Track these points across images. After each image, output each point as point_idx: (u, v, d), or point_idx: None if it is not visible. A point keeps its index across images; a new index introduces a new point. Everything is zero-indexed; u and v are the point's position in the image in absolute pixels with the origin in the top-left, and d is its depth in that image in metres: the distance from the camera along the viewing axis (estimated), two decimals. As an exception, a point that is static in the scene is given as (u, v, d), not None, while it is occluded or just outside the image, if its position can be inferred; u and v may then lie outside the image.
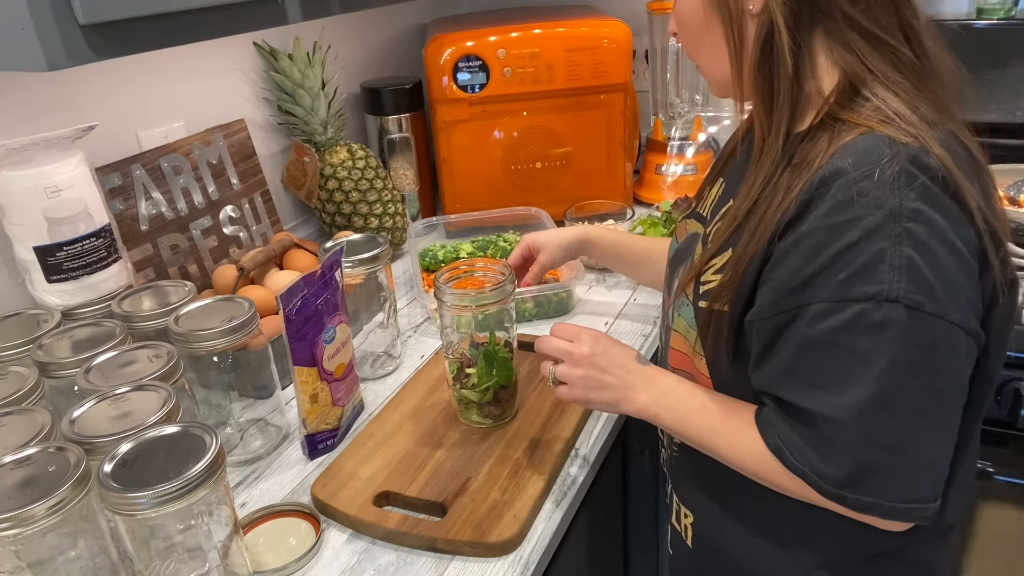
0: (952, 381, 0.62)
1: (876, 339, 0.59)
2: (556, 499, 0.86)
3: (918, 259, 0.58)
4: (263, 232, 1.35)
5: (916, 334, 0.59)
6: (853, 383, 0.60)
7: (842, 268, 0.60)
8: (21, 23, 0.69)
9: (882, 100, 0.64)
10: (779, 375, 0.66)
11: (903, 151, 0.60)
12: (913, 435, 0.60)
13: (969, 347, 0.62)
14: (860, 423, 0.60)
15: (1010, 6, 1.53)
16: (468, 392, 0.93)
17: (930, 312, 0.58)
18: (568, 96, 1.47)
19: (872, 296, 0.59)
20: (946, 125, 0.65)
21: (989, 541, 1.24)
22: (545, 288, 1.23)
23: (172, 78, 1.25)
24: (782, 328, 0.64)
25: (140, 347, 0.84)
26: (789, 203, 0.64)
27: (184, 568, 0.68)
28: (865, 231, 0.59)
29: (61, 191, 0.91)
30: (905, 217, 0.59)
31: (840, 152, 0.62)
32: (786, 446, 0.65)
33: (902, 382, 0.59)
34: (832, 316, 0.60)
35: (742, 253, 0.68)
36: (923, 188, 0.59)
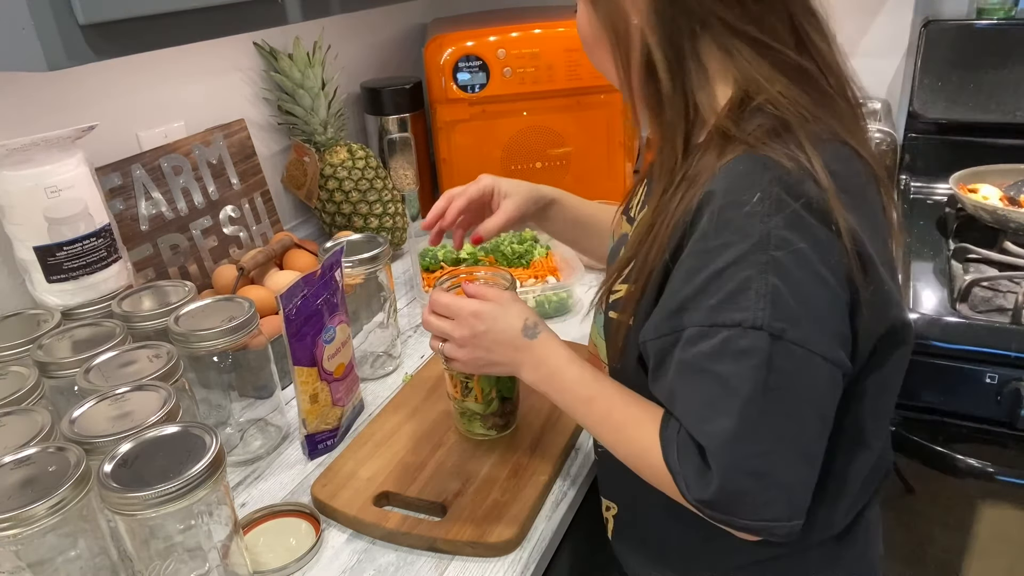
0: (812, 409, 0.61)
1: (740, 366, 0.59)
2: (556, 499, 0.86)
3: (783, 288, 0.58)
4: (263, 232, 1.35)
5: (778, 361, 0.58)
6: (721, 410, 0.60)
7: (713, 294, 0.60)
8: (21, 23, 0.69)
9: (770, 114, 0.63)
10: (666, 397, 0.66)
11: (777, 175, 0.59)
12: (773, 460, 0.60)
13: (833, 376, 0.61)
14: (727, 452, 0.60)
15: (1010, 6, 1.53)
16: (471, 404, 0.91)
17: (791, 340, 0.58)
18: (568, 96, 1.47)
19: (738, 323, 0.59)
20: (838, 136, 0.64)
21: (989, 541, 1.24)
22: (545, 288, 1.23)
23: (172, 78, 1.25)
24: (664, 351, 0.65)
25: (140, 347, 0.84)
26: (676, 221, 0.64)
27: (184, 568, 0.68)
28: (733, 258, 0.59)
29: (61, 191, 0.91)
30: (772, 245, 0.58)
31: (718, 174, 0.62)
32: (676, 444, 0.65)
33: (764, 409, 0.59)
34: (702, 341, 0.61)
35: (642, 266, 0.68)
36: (793, 216, 0.59)
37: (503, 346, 0.78)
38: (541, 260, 1.36)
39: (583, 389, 0.74)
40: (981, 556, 1.25)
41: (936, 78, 1.56)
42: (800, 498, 0.62)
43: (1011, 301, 1.17)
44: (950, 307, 1.18)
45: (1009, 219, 1.29)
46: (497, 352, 0.79)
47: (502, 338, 0.78)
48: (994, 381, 1.12)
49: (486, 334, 0.79)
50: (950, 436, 1.19)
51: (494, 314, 0.79)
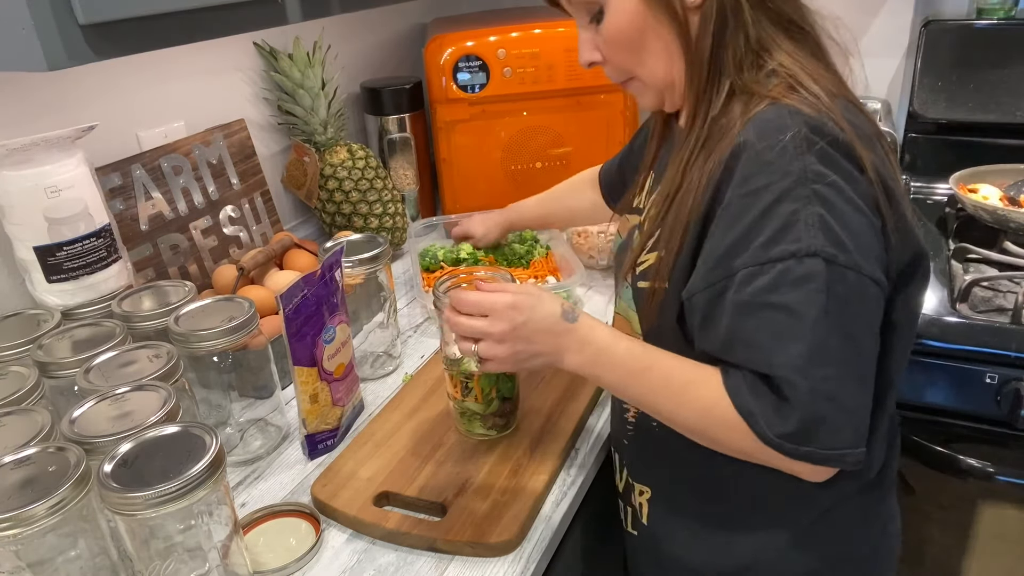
0: (866, 330, 0.65)
1: (803, 292, 0.62)
2: (556, 499, 0.86)
3: (828, 216, 0.62)
4: (263, 232, 1.35)
5: (834, 285, 0.62)
6: (790, 337, 0.62)
7: (760, 232, 0.63)
8: (21, 23, 0.69)
9: (786, 72, 0.69)
10: (722, 343, 0.67)
11: (803, 119, 0.65)
12: (842, 383, 0.63)
13: (878, 296, 0.65)
14: (805, 376, 0.62)
15: (1010, 6, 1.53)
16: (471, 404, 0.91)
17: (843, 264, 0.62)
18: (568, 96, 1.47)
19: (793, 254, 0.62)
20: (843, 93, 0.71)
21: (989, 541, 1.24)
22: (545, 288, 1.23)
23: (172, 78, 1.25)
24: (715, 299, 0.67)
25: (140, 347, 0.83)
26: (708, 177, 0.68)
27: (184, 568, 0.68)
28: (776, 196, 0.63)
29: (61, 191, 0.91)
30: (811, 180, 0.63)
31: (747, 125, 0.67)
32: (744, 388, 0.66)
33: (830, 331, 0.62)
34: (758, 279, 0.63)
35: (672, 228, 0.71)
36: (823, 152, 0.64)
37: (545, 334, 0.75)
38: (541, 260, 1.36)
39: (636, 361, 0.73)
40: (981, 556, 1.25)
41: (936, 78, 1.56)
42: (863, 423, 0.64)
43: (1011, 301, 1.16)
44: (950, 307, 1.18)
45: (1009, 219, 1.29)
46: (539, 341, 0.75)
47: (543, 326, 0.75)
48: (994, 381, 1.12)
49: (526, 324, 0.75)
50: (950, 436, 1.19)
51: (531, 303, 0.76)
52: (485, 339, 0.76)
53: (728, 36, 0.70)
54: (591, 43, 0.77)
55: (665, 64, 0.74)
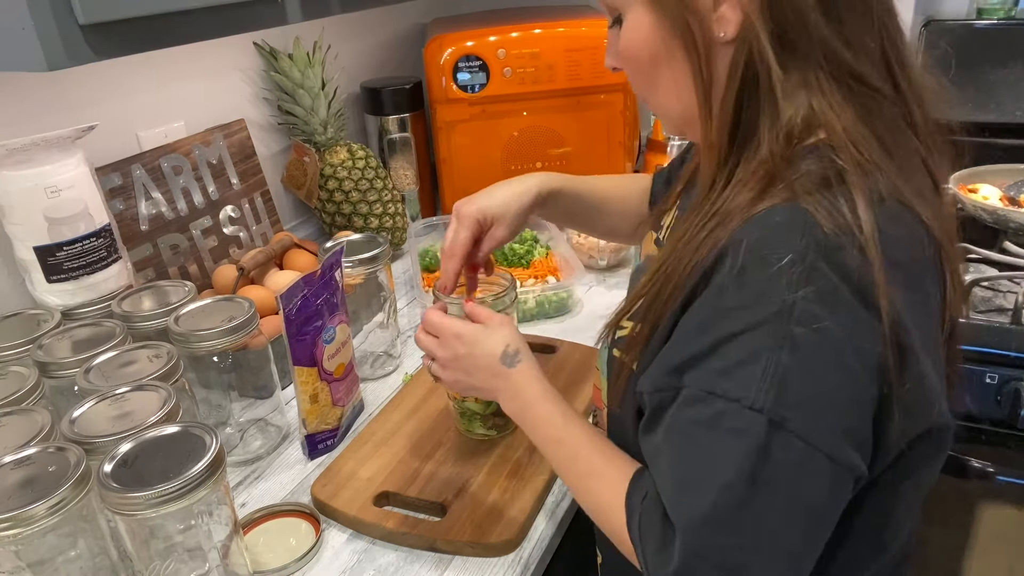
0: (804, 510, 0.53)
1: (728, 446, 0.52)
2: (556, 499, 0.86)
3: (795, 370, 0.51)
4: (263, 232, 1.35)
5: (775, 452, 0.51)
6: (697, 488, 0.54)
7: (718, 359, 0.53)
8: (21, 23, 0.69)
9: (826, 157, 0.54)
10: (649, 454, 0.61)
11: (816, 239, 0.51)
12: (748, 557, 0.53)
13: (838, 478, 0.53)
14: (694, 536, 0.53)
15: (1010, 6, 1.53)
16: (471, 404, 0.91)
17: (793, 431, 0.51)
18: (568, 96, 1.47)
19: (737, 399, 0.52)
20: (901, 195, 0.55)
21: (989, 541, 1.24)
22: (545, 288, 1.23)
23: (172, 78, 1.25)
24: (660, 407, 0.59)
25: (140, 347, 0.84)
26: (696, 264, 0.56)
27: (184, 568, 0.68)
28: (747, 325, 0.52)
29: (61, 191, 0.91)
30: (795, 319, 0.50)
31: (750, 221, 0.54)
32: (640, 513, 0.59)
33: (746, 499, 0.52)
34: (697, 405, 0.55)
35: (651, 306, 0.61)
36: (828, 289, 0.51)
37: (482, 371, 0.76)
38: (541, 260, 1.36)
39: (552, 429, 0.71)
40: (981, 556, 1.25)
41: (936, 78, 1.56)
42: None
43: (1011, 301, 1.16)
44: (950, 307, 1.18)
45: (1009, 219, 1.29)
46: (476, 376, 0.76)
47: (481, 363, 0.75)
48: (994, 381, 1.12)
49: (465, 357, 0.76)
50: (950, 436, 1.19)
51: (475, 337, 0.76)
52: (435, 359, 0.80)
53: (761, 90, 0.56)
54: (612, 48, 0.67)
55: (675, 100, 0.63)
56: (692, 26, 0.58)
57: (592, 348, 1.11)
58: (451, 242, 0.85)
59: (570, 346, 1.12)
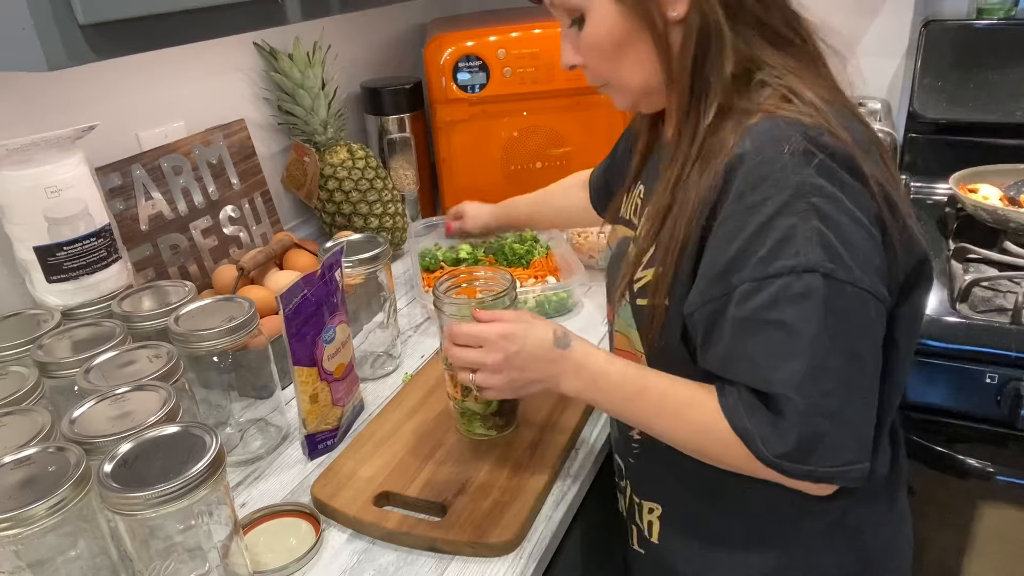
0: (868, 344, 0.64)
1: (801, 308, 0.61)
2: (556, 499, 0.86)
3: (826, 230, 0.61)
4: (263, 232, 1.35)
5: (833, 300, 0.61)
6: (789, 355, 0.62)
7: (759, 247, 0.63)
8: (21, 23, 0.69)
9: (778, 83, 0.68)
10: (722, 360, 0.67)
11: (800, 131, 0.63)
12: (843, 399, 0.62)
13: (879, 310, 0.64)
14: (802, 394, 0.62)
15: (1010, 6, 1.53)
16: (471, 404, 0.91)
17: (841, 279, 0.61)
18: (568, 96, 1.47)
19: (791, 269, 0.61)
20: (836, 99, 0.69)
21: (989, 541, 1.24)
22: (545, 288, 1.23)
23: (172, 78, 1.25)
24: (716, 315, 0.66)
25: (140, 347, 0.84)
26: (703, 192, 0.66)
27: (184, 568, 0.68)
28: (775, 209, 0.62)
29: (61, 191, 0.91)
30: (809, 193, 0.62)
31: (742, 138, 0.65)
32: (740, 407, 0.66)
33: (829, 347, 0.61)
34: (758, 294, 0.63)
35: (669, 245, 0.70)
36: (822, 164, 0.62)
37: (539, 361, 0.76)
38: (541, 260, 1.36)
39: (631, 384, 0.73)
40: (981, 556, 1.25)
41: (936, 78, 1.56)
42: (867, 437, 0.64)
43: (1011, 301, 1.16)
44: (950, 307, 1.18)
45: (1009, 219, 1.29)
46: (533, 369, 0.77)
47: (537, 353, 0.76)
48: (994, 381, 1.12)
49: (519, 354, 0.76)
50: (950, 436, 1.19)
51: (523, 332, 0.77)
52: (481, 369, 0.79)
53: (712, 50, 0.69)
54: (572, 47, 0.77)
55: (641, 75, 0.74)
56: (652, 11, 0.70)
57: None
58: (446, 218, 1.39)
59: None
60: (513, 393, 0.80)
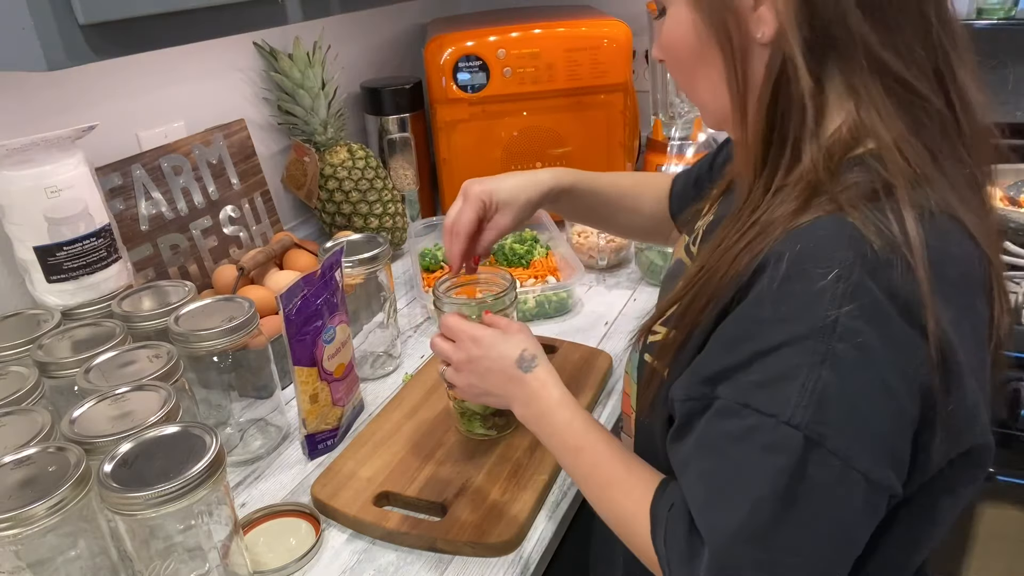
0: (837, 528, 0.52)
1: (763, 462, 0.51)
2: (556, 499, 0.86)
3: (835, 387, 0.50)
4: (263, 232, 1.35)
5: (811, 470, 0.50)
6: (730, 502, 0.53)
7: (755, 371, 0.52)
8: (21, 23, 0.69)
9: (873, 169, 0.53)
10: (679, 463, 0.60)
11: (862, 254, 0.50)
12: (778, 571, 0.52)
13: (871, 500, 0.52)
14: (725, 550, 0.53)
15: (1010, 6, 1.53)
16: (471, 404, 0.91)
17: (830, 449, 0.50)
18: (568, 96, 1.47)
19: (773, 414, 0.51)
20: (951, 209, 0.53)
21: (989, 541, 1.24)
22: (545, 288, 1.23)
23: (172, 78, 1.25)
24: (692, 416, 0.58)
25: (140, 347, 0.84)
26: (735, 273, 0.55)
27: (184, 568, 0.68)
28: (786, 339, 0.51)
29: (61, 191, 0.91)
30: (837, 335, 0.49)
31: (793, 234, 0.53)
32: (665, 522, 0.59)
33: (779, 516, 0.51)
34: (731, 418, 0.54)
35: (685, 313, 0.60)
36: (872, 305, 0.49)
37: (496, 375, 0.75)
38: (541, 260, 1.36)
39: (571, 437, 0.69)
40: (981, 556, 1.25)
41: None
42: None
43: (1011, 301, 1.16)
44: (950, 307, 1.18)
45: (1009, 219, 1.29)
46: (490, 380, 0.75)
47: (496, 366, 0.74)
48: (994, 381, 1.12)
49: (480, 360, 0.75)
50: (950, 436, 1.18)
51: (492, 341, 0.75)
52: (450, 363, 0.79)
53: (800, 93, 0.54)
54: (657, 38, 0.66)
55: (710, 99, 0.63)
56: (729, 25, 0.57)
57: (592, 348, 1.11)
58: (454, 221, 0.84)
59: (570, 346, 1.12)
60: (472, 397, 0.79)
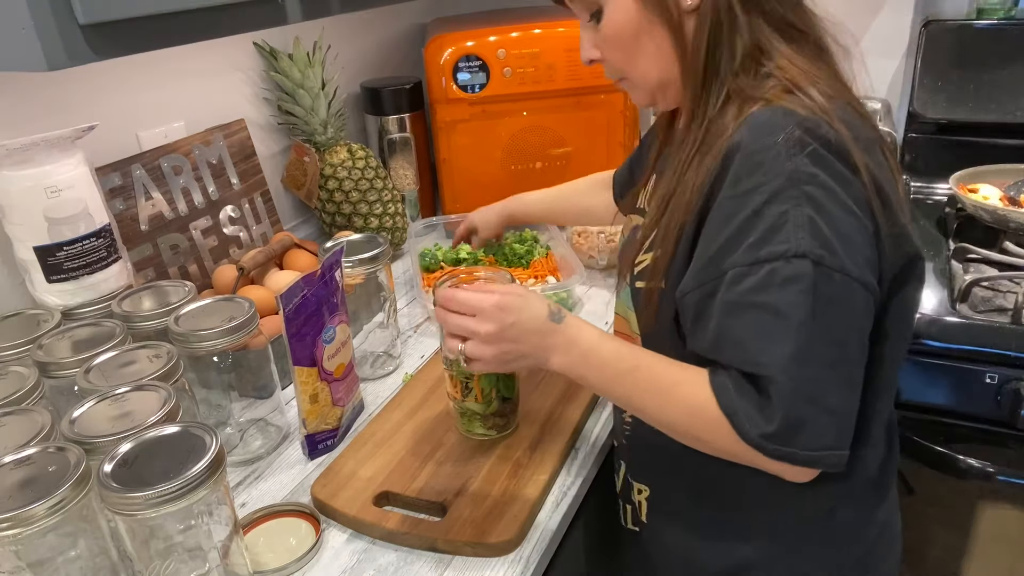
0: (854, 334, 0.65)
1: (789, 293, 0.62)
2: (556, 499, 0.86)
3: (817, 218, 0.62)
4: (263, 232, 1.35)
5: (821, 287, 0.62)
6: (776, 337, 0.63)
7: (751, 232, 0.64)
8: (21, 23, 0.69)
9: (783, 75, 0.69)
10: (712, 343, 0.68)
11: (797, 120, 0.65)
12: (827, 386, 0.63)
13: (867, 301, 0.65)
14: (788, 376, 0.62)
15: (1010, 6, 1.53)
16: (471, 404, 0.91)
17: (830, 266, 0.62)
18: (568, 96, 1.47)
19: (781, 255, 0.62)
20: (841, 95, 0.70)
21: (989, 541, 1.24)
22: (545, 288, 1.23)
23: (172, 78, 1.25)
24: (706, 298, 0.67)
25: (140, 347, 0.84)
26: (703, 177, 0.68)
27: (184, 568, 0.68)
28: (768, 196, 0.64)
29: (61, 191, 0.91)
30: (802, 181, 0.63)
31: (740, 126, 0.67)
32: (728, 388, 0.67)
33: (816, 334, 0.62)
34: (747, 278, 0.64)
35: (668, 229, 0.72)
36: (815, 154, 0.63)
37: (532, 335, 0.75)
38: (541, 260, 1.36)
39: (623, 361, 0.73)
40: (981, 556, 1.25)
41: (936, 78, 1.56)
42: (847, 425, 0.65)
43: (1011, 301, 1.16)
44: (950, 307, 1.18)
45: (1009, 219, 1.29)
46: (525, 342, 0.75)
47: (531, 326, 0.75)
48: (994, 381, 1.12)
49: (514, 325, 0.75)
50: (950, 436, 1.19)
51: (519, 304, 0.76)
52: (473, 338, 0.77)
53: (723, 39, 0.71)
54: (591, 41, 0.79)
55: (657, 66, 0.75)
56: (667, 1, 0.71)
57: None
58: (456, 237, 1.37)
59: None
60: (500, 366, 0.78)
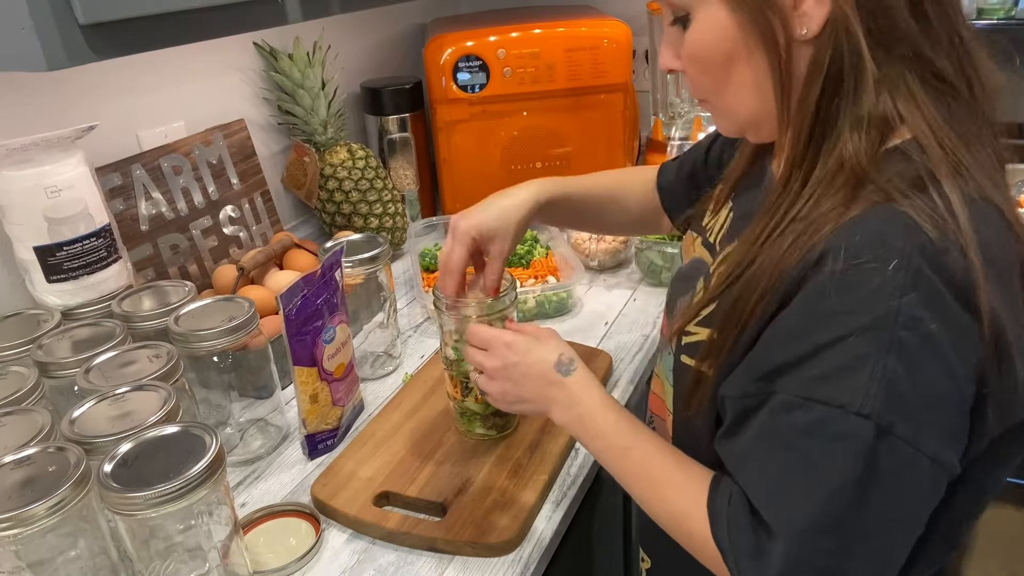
0: (907, 512, 0.54)
1: (835, 452, 0.52)
2: (556, 499, 0.86)
3: (903, 375, 0.50)
4: (263, 232, 1.35)
5: (880, 457, 0.51)
6: (802, 494, 0.54)
7: (817, 364, 0.53)
8: (21, 23, 0.69)
9: (917, 153, 0.54)
10: (736, 457, 0.60)
11: (920, 244, 0.51)
12: (851, 560, 0.53)
13: (936, 479, 0.53)
14: (801, 542, 0.53)
15: (1010, 6, 1.53)
16: (472, 404, 0.91)
17: (900, 436, 0.51)
18: (568, 96, 1.47)
19: (843, 405, 0.52)
20: (987, 196, 0.55)
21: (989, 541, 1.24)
22: (545, 288, 1.23)
23: (172, 78, 1.25)
24: (748, 412, 0.58)
25: (140, 347, 0.84)
26: (786, 270, 0.56)
27: (184, 568, 0.68)
28: (852, 330, 0.52)
29: (61, 191, 0.91)
30: (900, 324, 0.50)
31: (848, 226, 0.53)
32: (727, 517, 0.59)
33: (853, 504, 0.52)
34: (795, 412, 0.54)
35: (730, 312, 0.60)
36: (932, 293, 0.50)
37: (534, 380, 0.73)
38: (541, 260, 1.36)
39: (618, 438, 0.68)
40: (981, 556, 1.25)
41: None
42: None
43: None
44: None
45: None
46: (526, 386, 0.73)
47: (533, 371, 0.73)
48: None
49: (516, 365, 0.73)
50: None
51: (527, 346, 0.74)
52: (483, 372, 0.77)
53: (847, 86, 0.55)
54: (672, 48, 0.64)
55: (748, 101, 0.62)
56: (773, 23, 0.56)
57: (592, 348, 1.11)
58: (447, 259, 0.83)
59: (570, 346, 1.12)
60: (505, 405, 0.77)
